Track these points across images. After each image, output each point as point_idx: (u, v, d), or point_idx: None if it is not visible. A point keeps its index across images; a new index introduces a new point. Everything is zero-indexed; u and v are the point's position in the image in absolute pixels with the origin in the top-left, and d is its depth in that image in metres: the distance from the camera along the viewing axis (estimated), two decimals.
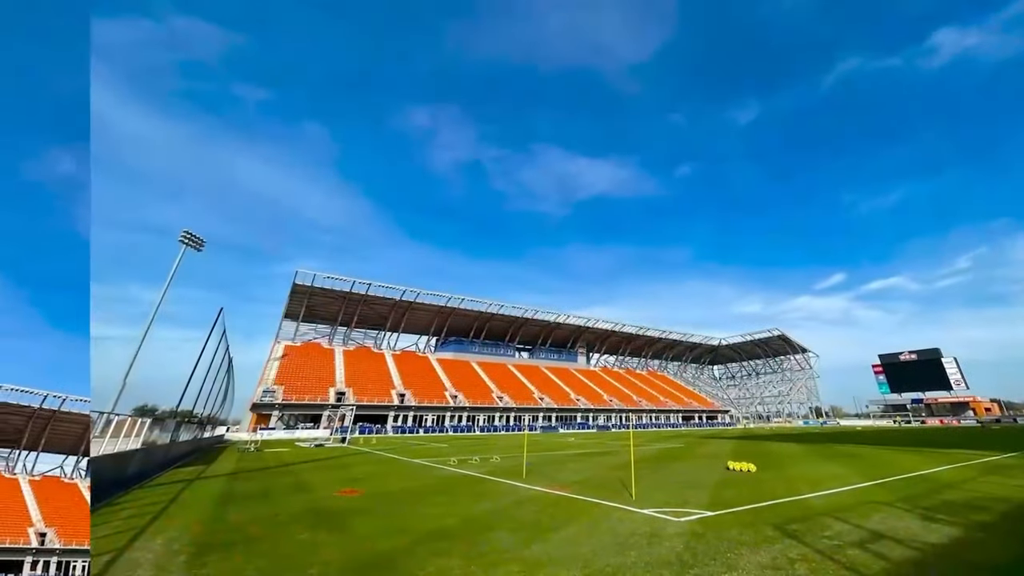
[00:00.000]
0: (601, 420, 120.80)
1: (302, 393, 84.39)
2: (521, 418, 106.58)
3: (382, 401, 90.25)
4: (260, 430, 72.25)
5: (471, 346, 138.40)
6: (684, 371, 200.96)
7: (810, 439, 56.31)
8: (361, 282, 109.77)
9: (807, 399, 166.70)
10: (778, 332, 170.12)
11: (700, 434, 79.13)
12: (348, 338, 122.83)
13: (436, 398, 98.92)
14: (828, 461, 28.39)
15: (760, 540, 10.29)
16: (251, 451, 43.32)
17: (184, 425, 36.13)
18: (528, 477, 21.85)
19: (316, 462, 31.67)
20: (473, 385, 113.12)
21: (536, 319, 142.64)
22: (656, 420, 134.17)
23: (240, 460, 34.07)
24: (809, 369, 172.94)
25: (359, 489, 18.77)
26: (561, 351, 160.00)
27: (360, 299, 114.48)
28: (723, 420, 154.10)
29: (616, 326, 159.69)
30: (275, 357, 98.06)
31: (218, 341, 38.11)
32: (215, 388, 44.45)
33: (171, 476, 24.49)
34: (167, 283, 44.57)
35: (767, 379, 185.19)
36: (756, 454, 34.27)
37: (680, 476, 22.06)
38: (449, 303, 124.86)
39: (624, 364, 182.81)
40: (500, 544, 10.23)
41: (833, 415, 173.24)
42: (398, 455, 36.94)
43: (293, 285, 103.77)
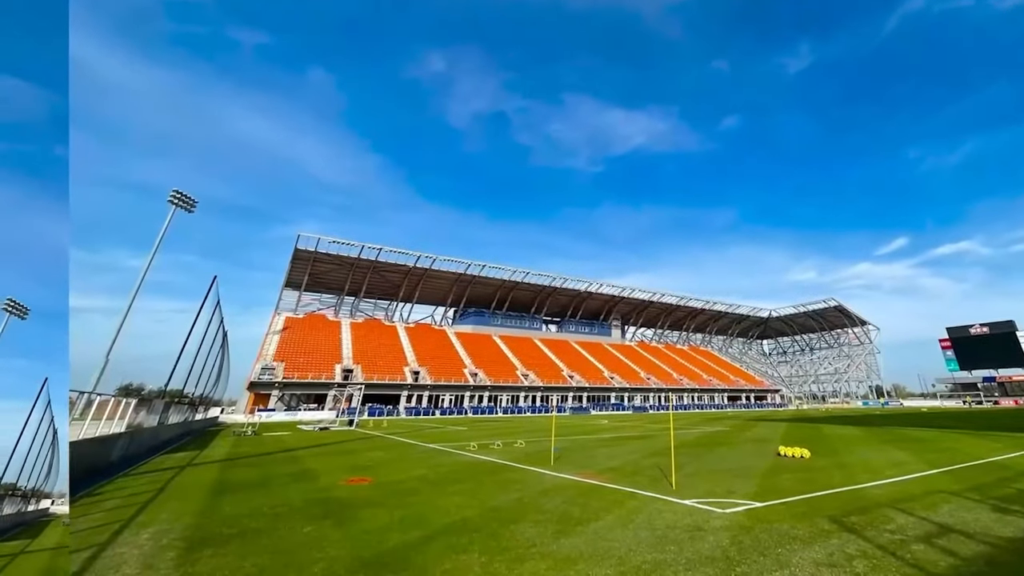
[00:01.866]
0: (637, 400, 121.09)
1: (305, 370, 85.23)
2: (548, 398, 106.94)
3: (394, 379, 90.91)
4: (258, 412, 73.34)
5: (493, 318, 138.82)
6: (730, 346, 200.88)
7: (870, 422, 56.41)
8: (371, 247, 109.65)
9: (866, 377, 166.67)
10: (834, 302, 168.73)
11: (747, 416, 79.30)
12: (356, 309, 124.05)
13: (454, 376, 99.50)
14: (890, 446, 28.27)
15: (814, 534, 10.19)
16: (248, 435, 43.58)
17: (173, 406, 36.65)
18: (556, 464, 21.77)
19: (320, 447, 31.84)
20: (495, 362, 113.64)
21: (565, 288, 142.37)
22: (699, 400, 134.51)
23: (236, 445, 34.37)
24: (869, 344, 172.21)
25: (368, 477, 18.76)
26: (593, 324, 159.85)
27: (369, 266, 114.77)
28: (773, 400, 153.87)
29: (654, 296, 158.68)
30: (275, 330, 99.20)
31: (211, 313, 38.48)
32: (208, 365, 45.00)
33: (159, 463, 24.59)
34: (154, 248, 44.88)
35: (822, 355, 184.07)
36: (810, 438, 34.15)
37: (725, 463, 21.90)
38: (468, 270, 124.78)
39: (663, 338, 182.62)
40: (525, 538, 10.13)
41: (895, 395, 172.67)
42: (411, 440, 37.05)
43: (295, 250, 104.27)
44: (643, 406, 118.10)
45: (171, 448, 32.15)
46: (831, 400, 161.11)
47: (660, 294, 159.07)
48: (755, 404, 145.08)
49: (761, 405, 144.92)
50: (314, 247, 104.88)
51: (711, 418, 71.86)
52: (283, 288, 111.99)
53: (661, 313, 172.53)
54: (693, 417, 76.69)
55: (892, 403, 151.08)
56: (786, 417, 72.32)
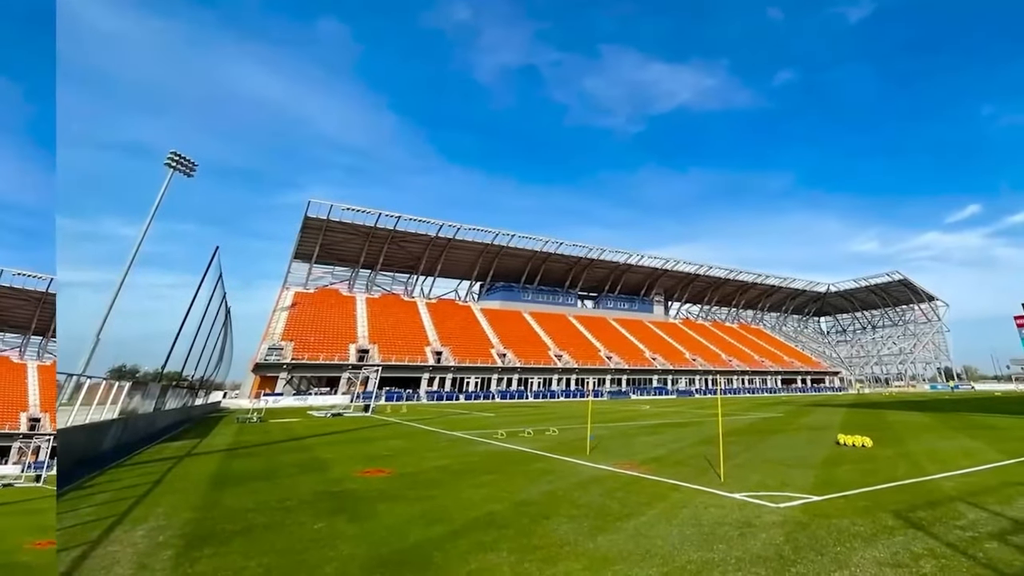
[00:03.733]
0: (682, 384, 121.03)
1: (316, 351, 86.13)
2: (584, 381, 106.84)
3: (414, 361, 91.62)
4: (264, 396, 73.99)
5: (523, 293, 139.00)
6: (783, 324, 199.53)
7: (938, 407, 56.21)
8: (388, 214, 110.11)
9: (934, 358, 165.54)
10: (899, 276, 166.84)
11: (803, 401, 78.88)
12: (372, 284, 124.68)
13: (480, 357, 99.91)
14: (960, 434, 28.14)
15: (877, 531, 10.10)
16: (253, 421, 44.03)
17: (171, 390, 37.03)
18: (593, 453, 21.66)
19: (333, 435, 32.00)
20: (525, 341, 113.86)
21: (602, 260, 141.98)
22: (750, 384, 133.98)
23: (240, 433, 34.68)
24: (937, 321, 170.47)
25: (386, 468, 18.73)
26: (633, 299, 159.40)
27: (387, 235, 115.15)
28: (832, 384, 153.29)
29: (700, 268, 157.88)
30: (283, 307, 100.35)
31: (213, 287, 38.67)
32: (209, 345, 45.37)
33: (156, 452, 24.71)
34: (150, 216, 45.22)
35: (885, 334, 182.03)
36: (872, 425, 34.04)
37: (779, 452, 21.78)
38: (496, 240, 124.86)
39: (711, 315, 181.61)
40: (559, 535, 10.04)
41: (966, 377, 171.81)
42: (433, 427, 37.17)
43: (305, 219, 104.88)
44: (688, 390, 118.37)
45: (169, 436, 32.51)
46: (895, 383, 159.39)
47: (707, 267, 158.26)
48: (812, 388, 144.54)
49: (818, 389, 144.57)
50: (326, 215, 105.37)
51: (763, 403, 71.69)
52: (292, 260, 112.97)
53: (708, 288, 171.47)
54: (743, 402, 76.78)
55: (962, 386, 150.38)
56: (846, 402, 72.30)
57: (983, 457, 19.60)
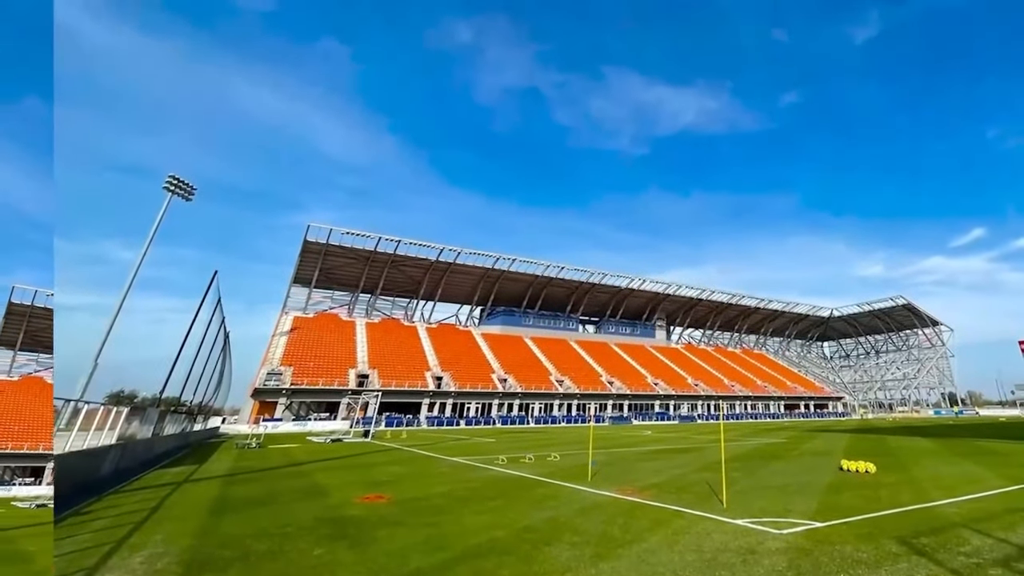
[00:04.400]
0: (684, 409, 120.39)
1: (315, 376, 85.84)
2: (586, 407, 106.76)
3: (414, 386, 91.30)
4: (263, 422, 73.76)
5: (524, 318, 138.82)
6: (787, 349, 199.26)
7: (942, 433, 56.22)
8: (388, 238, 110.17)
9: (938, 383, 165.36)
10: (903, 300, 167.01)
11: (807, 426, 78.72)
12: (372, 308, 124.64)
13: (481, 382, 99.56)
14: (964, 460, 28.32)
15: (881, 557, 10.15)
16: (252, 447, 43.78)
17: (170, 416, 36.95)
18: (595, 479, 21.62)
19: (333, 461, 31.94)
20: (526, 366, 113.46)
21: (604, 284, 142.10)
22: (752, 409, 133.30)
23: (239, 458, 34.59)
24: (941, 346, 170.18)
25: (386, 494, 18.71)
26: (635, 324, 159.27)
27: (387, 259, 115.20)
28: (835, 409, 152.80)
29: (703, 293, 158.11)
30: (282, 331, 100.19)
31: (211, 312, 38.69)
32: (208, 370, 45.34)
33: (154, 478, 24.65)
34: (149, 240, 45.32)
35: (889, 359, 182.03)
36: (876, 451, 34.15)
37: (782, 478, 21.79)
38: (497, 264, 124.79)
39: (713, 340, 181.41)
40: (560, 562, 10.05)
41: (971, 403, 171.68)
42: (434, 452, 37.10)
43: (304, 243, 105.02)
44: (691, 415, 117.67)
45: (167, 462, 32.39)
46: (899, 409, 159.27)
47: (709, 291, 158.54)
48: (815, 413, 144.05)
49: (822, 414, 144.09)
50: (326, 239, 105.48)
51: (766, 428, 71.41)
52: (291, 284, 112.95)
53: (710, 312, 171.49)
54: (746, 427, 76.45)
55: (967, 412, 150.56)
56: (849, 427, 72.24)
57: (987, 483, 19.59)
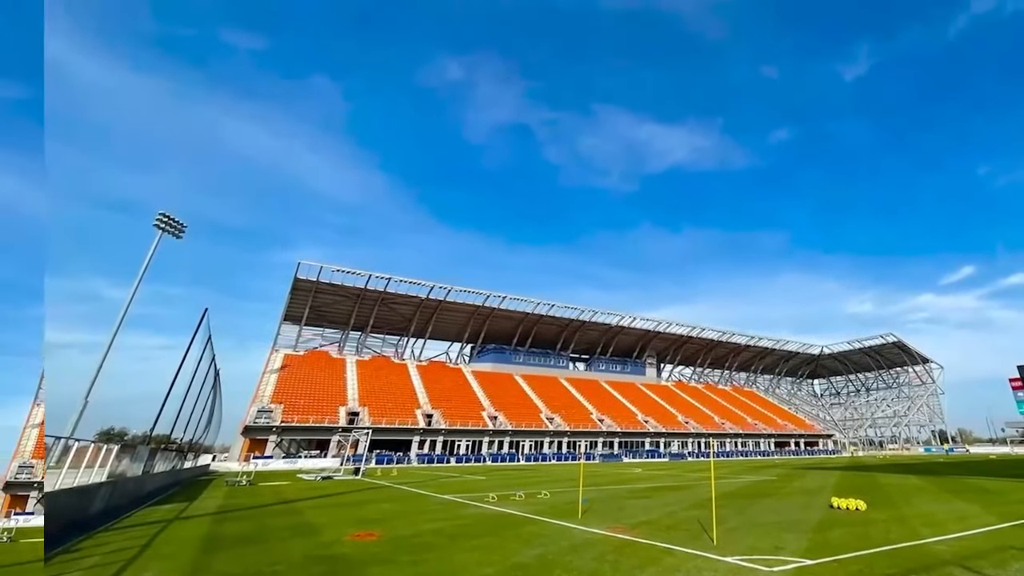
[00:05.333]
0: (675, 446, 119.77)
1: (306, 414, 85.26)
2: (576, 444, 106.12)
3: (404, 423, 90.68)
4: (254, 459, 73.10)
5: (514, 355, 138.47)
6: (777, 386, 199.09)
7: (932, 470, 56.49)
8: (379, 276, 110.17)
9: (928, 421, 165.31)
10: (893, 338, 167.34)
11: (797, 464, 78.91)
12: (363, 346, 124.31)
13: (471, 420, 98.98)
14: (954, 497, 28.53)
15: None
16: (243, 485, 43.59)
17: (160, 453, 36.70)
18: (585, 517, 21.64)
19: (323, 498, 31.80)
20: (517, 404, 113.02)
21: (595, 322, 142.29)
22: (743, 447, 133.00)
23: (229, 496, 34.41)
24: (931, 384, 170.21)
25: (376, 532, 18.69)
26: (626, 362, 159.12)
27: (377, 297, 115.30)
28: (825, 447, 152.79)
29: (693, 330, 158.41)
30: (272, 369, 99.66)
31: (202, 349, 38.55)
32: (198, 408, 45.10)
33: (144, 516, 24.58)
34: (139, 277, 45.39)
35: (879, 396, 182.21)
36: (866, 488, 34.29)
37: (772, 516, 21.87)
38: (487, 302, 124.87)
39: (703, 378, 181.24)
40: None
41: (961, 440, 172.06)
42: (424, 490, 36.95)
43: (295, 280, 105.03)
44: (681, 453, 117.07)
45: (157, 499, 32.17)
46: (889, 446, 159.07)
47: (700, 329, 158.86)
48: (805, 450, 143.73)
49: (812, 452, 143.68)
50: (316, 277, 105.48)
51: (756, 466, 71.30)
52: (281, 322, 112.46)
53: (701, 350, 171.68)
54: (736, 465, 76.27)
55: (957, 449, 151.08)
56: (840, 465, 72.31)
57: (978, 521, 19.71)
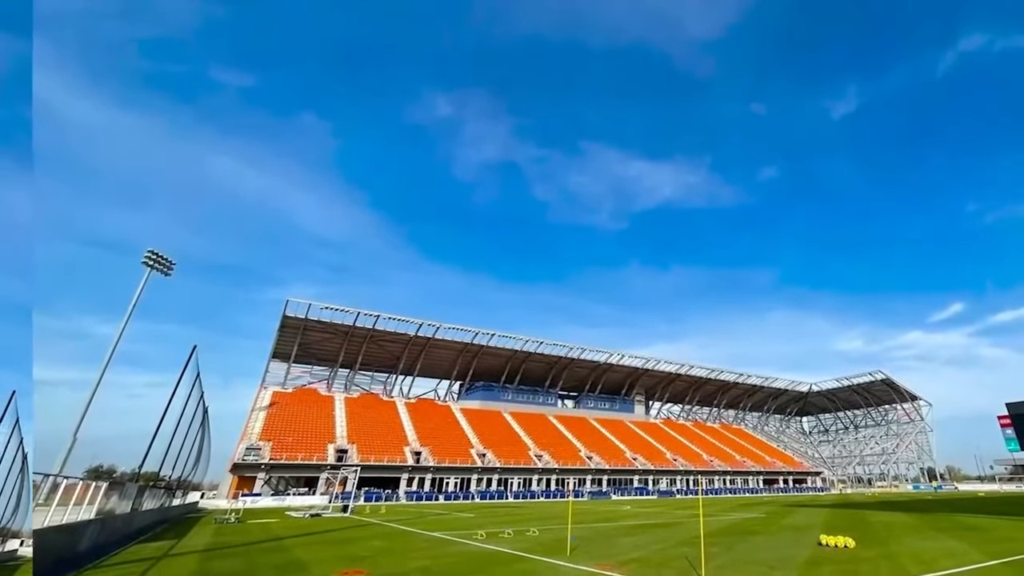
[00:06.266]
0: (663, 484, 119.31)
1: (294, 451, 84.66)
2: (565, 482, 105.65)
3: (393, 461, 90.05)
4: (242, 497, 72.17)
5: (503, 393, 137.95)
6: (765, 424, 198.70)
7: (921, 507, 56.41)
8: (367, 313, 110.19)
9: (917, 458, 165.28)
10: (881, 375, 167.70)
11: (785, 501, 78.68)
12: (351, 383, 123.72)
13: (460, 457, 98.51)
14: (943, 535, 28.59)
15: None
16: (231, 522, 43.24)
17: (148, 490, 36.41)
18: (573, 554, 21.62)
19: (311, 536, 31.62)
20: (505, 441, 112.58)
21: (583, 359, 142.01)
22: (731, 484, 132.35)
23: (218, 533, 34.17)
24: (920, 421, 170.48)
25: (364, 569, 18.64)
26: (614, 399, 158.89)
27: (366, 335, 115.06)
28: (814, 484, 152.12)
29: (682, 368, 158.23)
30: (261, 406, 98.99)
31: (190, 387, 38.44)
32: (187, 445, 44.86)
33: (133, 553, 24.40)
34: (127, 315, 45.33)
35: (868, 433, 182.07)
36: (855, 525, 34.32)
37: (761, 553, 21.89)
38: (476, 339, 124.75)
39: (692, 415, 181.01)
40: None
41: (950, 478, 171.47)
42: (413, 527, 36.78)
43: (283, 318, 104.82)
44: (669, 490, 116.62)
45: (146, 537, 31.88)
46: (878, 484, 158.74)
47: (688, 366, 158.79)
48: (794, 488, 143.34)
49: (800, 489, 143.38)
50: (304, 314, 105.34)
51: (745, 503, 71.09)
52: (270, 359, 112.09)
53: (689, 387, 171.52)
54: (725, 502, 75.93)
55: (946, 487, 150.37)
56: (828, 502, 72.02)
57: (967, 558, 19.79)
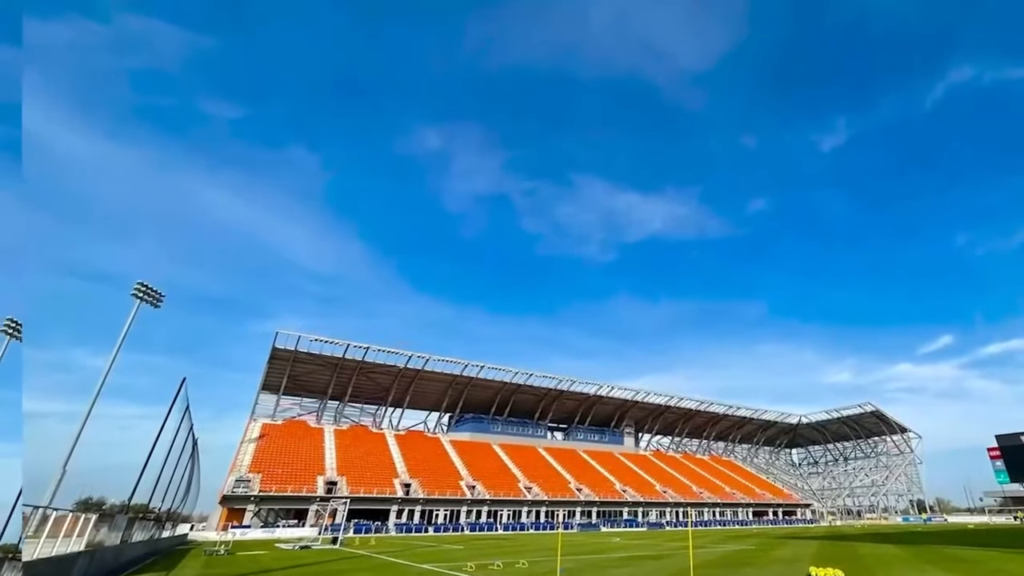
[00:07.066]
0: (653, 516, 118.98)
1: (284, 483, 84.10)
2: (554, 513, 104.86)
3: (383, 493, 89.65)
4: (232, 528, 71.84)
5: (492, 425, 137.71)
6: (755, 456, 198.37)
7: (910, 540, 56.26)
8: (357, 345, 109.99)
9: (907, 490, 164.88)
10: (871, 407, 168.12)
11: (775, 533, 78.31)
12: (341, 415, 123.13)
13: (449, 489, 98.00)
14: (932, 567, 28.52)
15: None
16: (221, 554, 42.78)
17: (138, 522, 36.14)
18: None
19: (300, 568, 31.44)
20: (495, 473, 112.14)
21: (573, 391, 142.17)
22: (721, 516, 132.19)
23: (207, 565, 33.94)
24: (909, 453, 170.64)
25: None
26: (603, 431, 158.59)
27: (355, 367, 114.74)
28: (803, 516, 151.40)
29: (671, 400, 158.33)
30: (251, 438, 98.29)
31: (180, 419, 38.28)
32: (176, 477, 44.61)
33: None
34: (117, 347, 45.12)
35: (857, 465, 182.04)
36: (844, 558, 34.18)
37: None
38: (465, 371, 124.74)
39: (681, 447, 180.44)
40: None
41: (939, 510, 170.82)
42: (402, 559, 36.59)
43: (273, 350, 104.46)
44: (659, 522, 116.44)
45: (136, 569, 31.66)
46: (868, 516, 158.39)
47: (678, 398, 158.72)
48: (783, 520, 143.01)
49: (790, 521, 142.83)
50: (294, 346, 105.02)
51: (735, 535, 70.95)
52: (260, 391, 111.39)
53: (679, 419, 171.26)
54: (715, 534, 75.85)
55: (935, 519, 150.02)
56: (818, 534, 71.87)
57: None
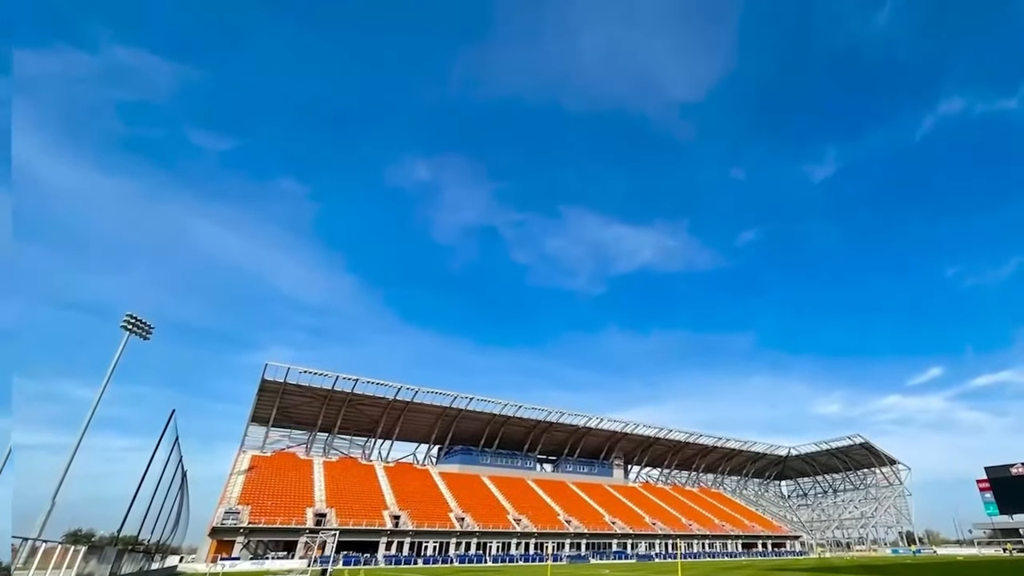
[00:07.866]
0: (642, 548, 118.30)
1: (273, 515, 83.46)
2: (544, 545, 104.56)
3: (372, 524, 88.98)
4: (221, 561, 70.89)
5: (482, 457, 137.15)
6: (744, 488, 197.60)
7: (900, 572, 56.29)
8: (346, 377, 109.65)
9: (896, 522, 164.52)
10: (860, 439, 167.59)
11: (764, 565, 78.10)
12: (330, 447, 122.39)
13: (438, 521, 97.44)
14: None
15: None
16: None
17: (127, 554, 36.21)
18: None
19: None
20: (484, 505, 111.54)
21: (562, 423, 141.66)
22: (710, 548, 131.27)
23: None
24: (899, 485, 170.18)
25: None
26: (593, 463, 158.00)
27: (345, 398, 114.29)
28: (793, 548, 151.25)
29: (661, 432, 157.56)
30: (240, 470, 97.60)
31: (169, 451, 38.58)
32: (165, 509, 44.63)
33: None
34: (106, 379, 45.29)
35: (847, 497, 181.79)
36: None
37: None
38: (455, 403, 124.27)
39: (671, 479, 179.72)
40: None
41: (928, 542, 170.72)
42: None
43: (262, 382, 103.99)
44: (648, 554, 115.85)
45: None
46: (857, 547, 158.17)
47: (667, 430, 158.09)
48: (772, 552, 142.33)
49: (779, 553, 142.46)
50: (283, 378, 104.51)
51: (724, 567, 70.69)
52: (249, 423, 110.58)
53: (668, 451, 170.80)
54: (704, 566, 75.47)
55: (924, 551, 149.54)
56: (807, 566, 71.47)
57: None
